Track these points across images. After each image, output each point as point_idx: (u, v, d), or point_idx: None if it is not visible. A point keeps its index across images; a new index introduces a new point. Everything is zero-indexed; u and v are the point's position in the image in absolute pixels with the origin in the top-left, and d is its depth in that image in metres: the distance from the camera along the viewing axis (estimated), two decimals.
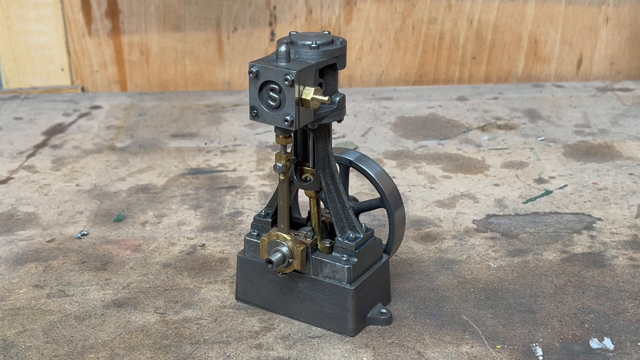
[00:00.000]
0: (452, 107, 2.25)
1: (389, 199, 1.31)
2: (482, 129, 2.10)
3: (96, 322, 1.29)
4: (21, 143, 2.03)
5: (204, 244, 1.53)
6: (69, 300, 1.35)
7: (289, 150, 1.22)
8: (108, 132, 2.09)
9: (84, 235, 1.57)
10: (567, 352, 1.21)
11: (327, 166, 1.24)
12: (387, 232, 1.34)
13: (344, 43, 1.19)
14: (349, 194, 1.38)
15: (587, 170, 1.84)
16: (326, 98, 1.14)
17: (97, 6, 2.38)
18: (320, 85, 1.17)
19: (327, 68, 1.18)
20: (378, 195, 1.35)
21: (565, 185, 1.76)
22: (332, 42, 1.18)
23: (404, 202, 1.47)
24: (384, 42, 2.46)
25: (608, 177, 1.80)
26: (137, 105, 2.28)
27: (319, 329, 1.27)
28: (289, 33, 1.21)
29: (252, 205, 1.68)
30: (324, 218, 1.30)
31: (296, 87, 1.11)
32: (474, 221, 1.61)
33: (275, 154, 1.20)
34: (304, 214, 1.40)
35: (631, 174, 1.82)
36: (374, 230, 1.28)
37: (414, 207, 1.67)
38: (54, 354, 1.21)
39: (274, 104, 1.13)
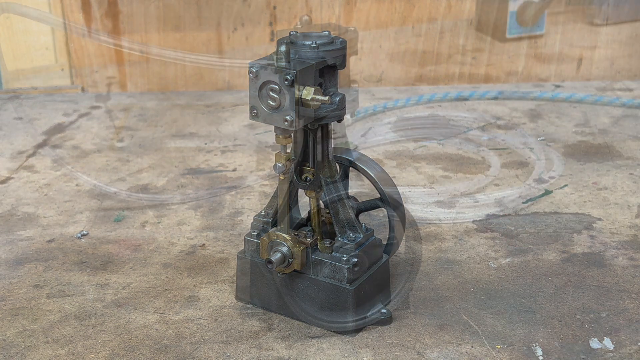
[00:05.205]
0: (452, 107, 2.25)
1: (389, 199, 1.31)
2: (482, 129, 2.09)
3: (96, 322, 1.29)
4: (21, 143, 2.02)
5: (204, 244, 1.53)
6: (69, 300, 1.35)
7: (289, 150, 1.22)
8: (108, 132, 2.09)
9: (84, 235, 1.57)
10: (567, 352, 1.21)
11: (327, 166, 1.24)
12: (387, 232, 1.34)
13: (344, 43, 1.19)
14: (349, 194, 1.38)
15: (587, 170, 1.84)
16: (326, 98, 1.13)
17: (97, 6, 2.38)
18: (320, 85, 1.17)
19: (327, 68, 1.18)
20: (378, 195, 1.35)
21: (565, 185, 1.76)
22: (332, 42, 1.18)
23: (404, 202, 1.47)
24: (383, 42, 2.46)
25: (608, 177, 1.80)
26: (137, 105, 2.28)
27: (319, 329, 1.27)
28: (289, 33, 1.21)
29: (252, 205, 1.68)
30: (324, 218, 1.30)
31: (296, 87, 1.11)
32: (474, 221, 1.61)
33: (275, 154, 1.20)
34: (304, 214, 1.40)
35: (631, 174, 1.81)
36: (374, 230, 1.28)
37: (414, 207, 1.67)
38: (54, 354, 1.21)
39: (273, 104, 1.13)
